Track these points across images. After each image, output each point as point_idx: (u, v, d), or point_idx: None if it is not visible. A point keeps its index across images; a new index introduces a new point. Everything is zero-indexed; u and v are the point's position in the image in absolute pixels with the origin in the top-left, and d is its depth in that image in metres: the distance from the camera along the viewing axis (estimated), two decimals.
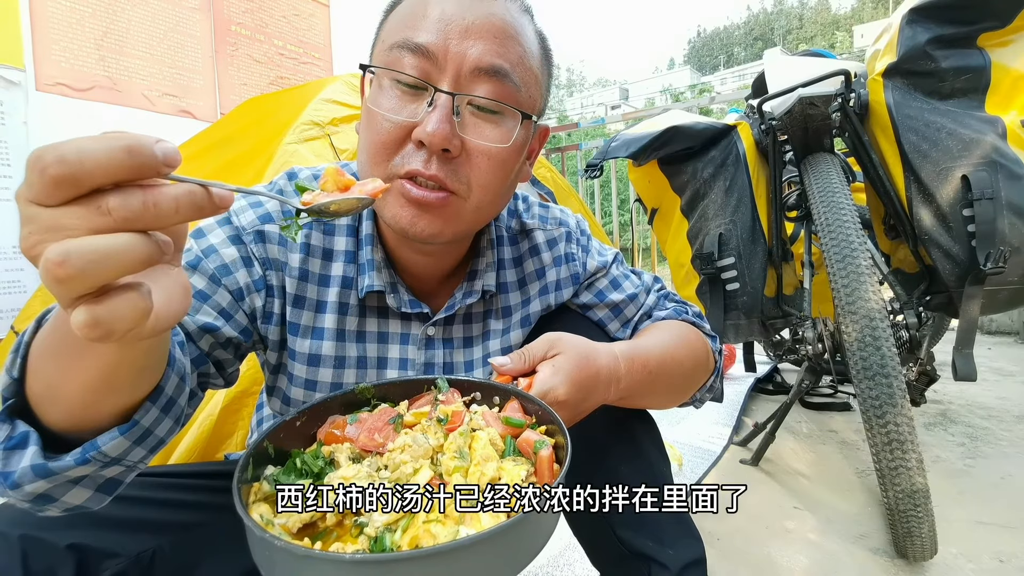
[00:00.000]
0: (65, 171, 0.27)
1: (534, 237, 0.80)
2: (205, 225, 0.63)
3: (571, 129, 5.18)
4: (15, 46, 2.32)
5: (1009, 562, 1.20)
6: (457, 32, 0.57)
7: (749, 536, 1.33)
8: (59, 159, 0.27)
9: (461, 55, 0.57)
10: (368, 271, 0.67)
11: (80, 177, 0.27)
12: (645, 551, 0.65)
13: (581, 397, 0.57)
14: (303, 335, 0.67)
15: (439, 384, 0.55)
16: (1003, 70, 1.29)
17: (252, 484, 0.42)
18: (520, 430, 0.48)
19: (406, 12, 0.60)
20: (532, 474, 0.44)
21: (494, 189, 0.62)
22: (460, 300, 0.71)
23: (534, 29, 0.64)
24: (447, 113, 0.56)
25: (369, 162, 0.60)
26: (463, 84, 0.57)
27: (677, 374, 0.71)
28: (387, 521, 0.38)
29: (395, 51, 0.58)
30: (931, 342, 1.81)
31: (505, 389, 0.53)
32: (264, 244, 0.64)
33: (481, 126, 0.59)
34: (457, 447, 0.45)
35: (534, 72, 0.63)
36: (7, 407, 0.41)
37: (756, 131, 1.70)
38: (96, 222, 0.28)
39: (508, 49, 0.59)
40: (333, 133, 1.72)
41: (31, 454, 0.39)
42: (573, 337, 0.60)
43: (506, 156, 0.61)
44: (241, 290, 0.63)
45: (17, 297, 2.28)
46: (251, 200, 0.65)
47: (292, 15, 3.49)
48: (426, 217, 0.59)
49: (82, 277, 0.28)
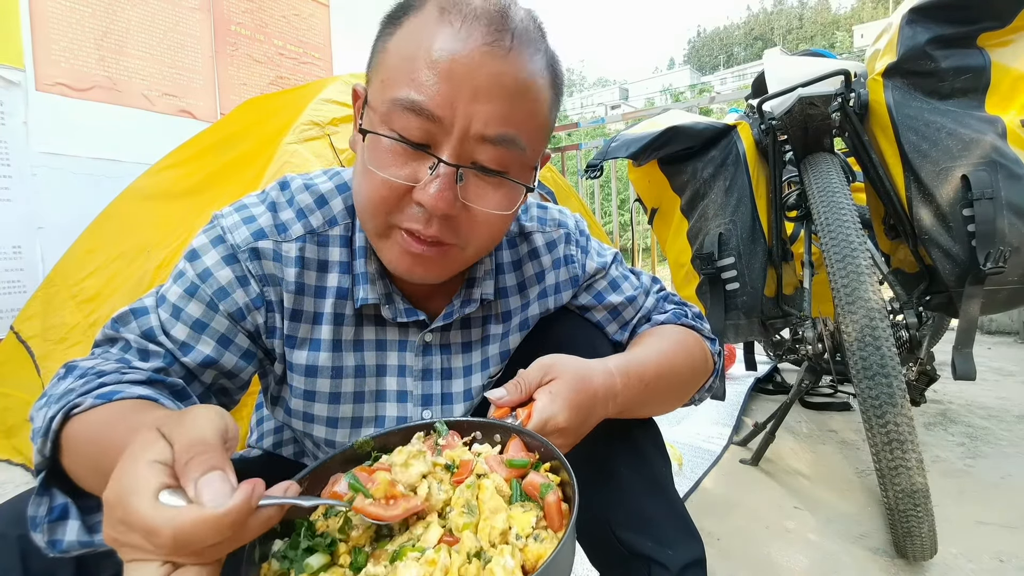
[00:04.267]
0: (177, 549, 0.33)
1: (533, 240, 0.79)
2: (199, 245, 0.63)
3: (571, 129, 5.18)
4: (15, 46, 2.32)
5: (1009, 562, 1.20)
6: (465, 96, 0.53)
7: (749, 536, 1.33)
8: (174, 544, 0.33)
9: (467, 119, 0.54)
10: (362, 283, 0.67)
11: (187, 549, 0.33)
12: (645, 551, 0.65)
13: (581, 420, 0.57)
14: (299, 347, 0.67)
15: (438, 428, 0.54)
16: (1003, 70, 1.28)
17: (261, 565, 0.42)
18: (525, 471, 0.48)
19: (410, 48, 0.55)
20: (541, 519, 0.45)
21: (493, 242, 0.64)
22: (458, 309, 0.71)
23: (546, 63, 0.60)
24: (450, 181, 0.55)
25: (366, 214, 0.60)
26: (468, 149, 0.55)
27: (674, 383, 0.72)
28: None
29: (396, 107, 0.54)
30: (931, 342, 1.81)
31: (506, 427, 0.53)
32: (259, 261, 0.63)
33: (484, 191, 0.58)
34: (465, 501, 0.45)
35: (541, 124, 0.60)
36: (43, 478, 0.45)
37: (756, 131, 1.70)
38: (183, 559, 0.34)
39: (517, 110, 0.56)
40: (333, 133, 1.72)
41: (74, 529, 0.44)
42: (567, 359, 0.60)
43: (507, 219, 0.61)
44: (241, 310, 0.63)
45: (17, 297, 2.28)
46: (244, 215, 0.65)
47: (292, 15, 3.49)
48: (423, 266, 0.60)
49: None
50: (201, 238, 0.64)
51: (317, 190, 0.68)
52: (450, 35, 0.53)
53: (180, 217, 1.72)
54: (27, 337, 1.83)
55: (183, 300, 0.61)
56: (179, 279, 0.62)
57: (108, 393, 0.50)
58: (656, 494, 0.69)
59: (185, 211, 1.75)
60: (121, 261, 1.75)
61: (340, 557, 0.43)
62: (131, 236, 1.82)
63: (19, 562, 0.49)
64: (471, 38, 0.53)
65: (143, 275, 1.63)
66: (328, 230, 0.68)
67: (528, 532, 0.43)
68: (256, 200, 0.67)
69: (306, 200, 0.67)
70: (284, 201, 0.67)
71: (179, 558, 0.34)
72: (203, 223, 0.66)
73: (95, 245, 1.89)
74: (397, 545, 0.43)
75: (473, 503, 0.45)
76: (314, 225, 0.67)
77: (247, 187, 1.53)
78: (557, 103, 0.64)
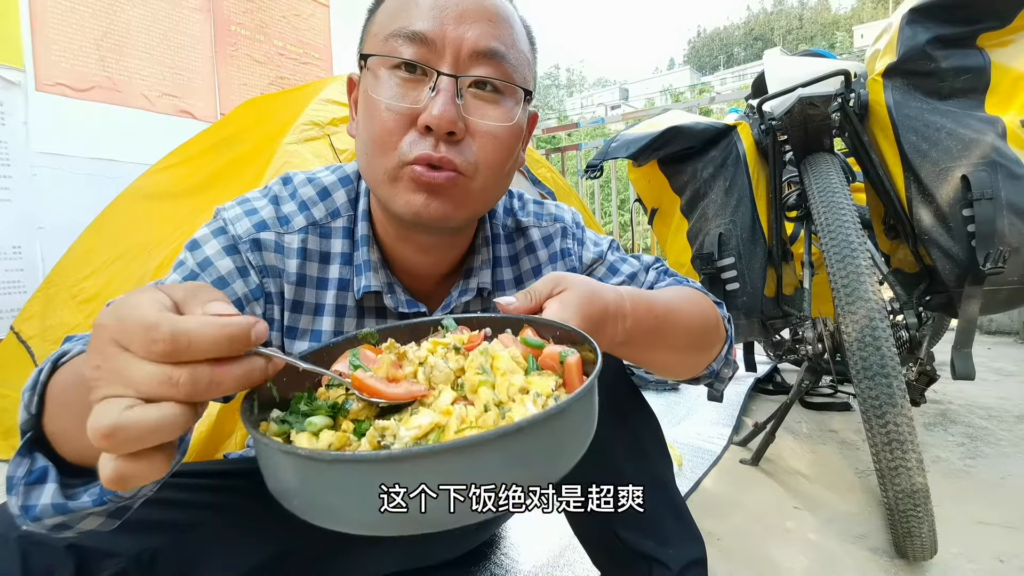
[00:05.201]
0: (171, 348, 0.31)
1: (530, 235, 0.80)
2: (200, 236, 0.63)
3: (571, 129, 5.18)
4: (15, 46, 2.32)
5: (1009, 562, 1.20)
6: (452, 17, 0.58)
7: (749, 536, 1.32)
8: (172, 338, 0.31)
9: (459, 39, 0.58)
10: (364, 272, 0.67)
11: (180, 355, 0.31)
12: (646, 551, 0.65)
13: (591, 331, 0.53)
14: (300, 338, 0.67)
15: (446, 324, 0.52)
16: (1003, 70, 1.28)
17: (260, 424, 0.40)
18: (540, 351, 0.46)
19: (396, 4, 0.61)
20: (561, 384, 0.43)
21: (498, 168, 0.63)
22: (456, 298, 0.71)
23: (519, 16, 0.66)
24: (451, 96, 0.57)
25: (373, 153, 0.60)
26: (463, 67, 0.59)
27: (684, 327, 0.68)
28: (415, 435, 0.36)
29: (391, 40, 0.58)
30: (931, 342, 1.81)
31: (518, 319, 0.50)
32: (260, 252, 0.64)
33: (484, 107, 0.60)
34: (479, 364, 0.42)
35: (525, 54, 0.65)
36: (26, 440, 0.42)
37: (756, 131, 1.70)
38: (161, 391, 0.31)
39: (502, 31, 0.61)
40: (333, 133, 1.73)
41: (51, 492, 0.41)
42: (577, 275, 0.58)
43: (509, 134, 0.62)
44: (240, 300, 0.63)
45: (17, 297, 2.28)
46: (246, 208, 0.65)
47: (292, 15, 3.49)
48: (437, 199, 0.59)
49: (121, 448, 0.31)
50: (203, 230, 0.64)
51: (320, 183, 0.69)
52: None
53: (180, 217, 1.73)
54: (27, 337, 1.83)
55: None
56: (179, 268, 0.63)
57: None
58: (658, 493, 0.69)
59: (185, 211, 1.75)
60: (121, 261, 1.75)
61: (342, 424, 0.40)
62: (131, 236, 1.82)
63: (19, 562, 0.49)
64: None
65: (143, 275, 1.63)
66: (331, 222, 0.68)
67: (548, 393, 0.40)
68: (259, 195, 0.68)
69: (309, 193, 0.68)
70: (287, 194, 0.68)
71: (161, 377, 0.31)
72: (204, 223, 0.67)
73: (95, 245, 1.89)
74: (410, 415, 0.40)
75: (488, 367, 0.42)
76: (316, 217, 0.67)
77: (247, 187, 1.53)
78: (533, 56, 0.68)
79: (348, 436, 0.38)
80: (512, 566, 1.15)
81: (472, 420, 0.37)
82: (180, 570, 0.60)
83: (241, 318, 0.33)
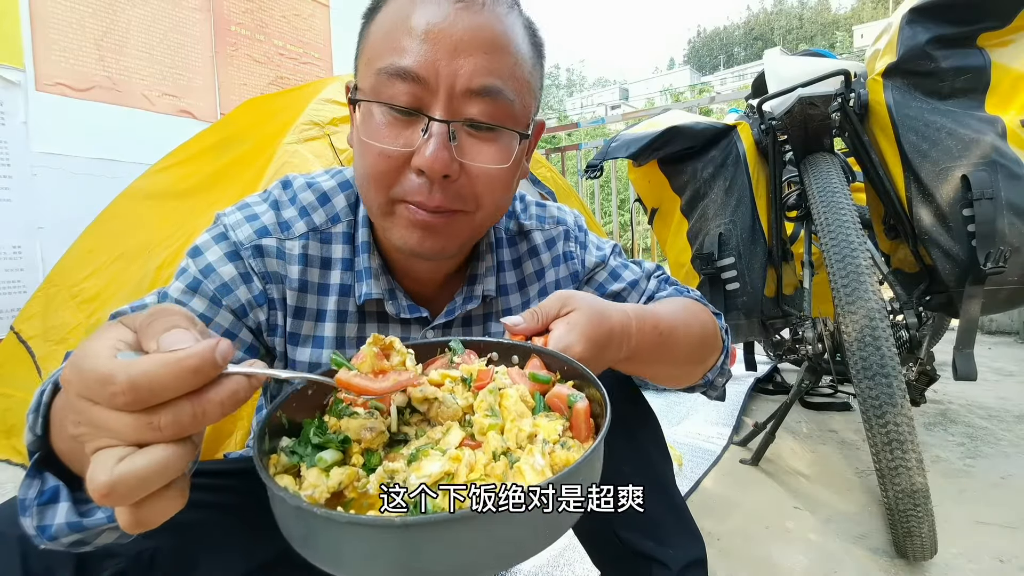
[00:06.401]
0: (133, 398, 0.29)
1: (532, 238, 0.79)
2: (202, 242, 0.63)
3: (571, 129, 5.18)
4: (15, 46, 2.32)
5: (1009, 562, 1.20)
6: (445, 51, 0.54)
7: (749, 536, 1.32)
8: (131, 386, 0.29)
9: (452, 76, 0.55)
10: (366, 278, 0.67)
11: (146, 402, 0.29)
12: (646, 551, 0.65)
13: (596, 353, 0.55)
14: (303, 344, 0.67)
15: (453, 346, 0.53)
16: (1003, 70, 1.28)
17: (270, 457, 0.41)
18: (547, 386, 0.47)
19: (389, 25, 0.57)
20: (568, 428, 0.43)
21: (498, 202, 0.63)
22: (460, 305, 0.71)
23: (522, 24, 0.62)
24: (444, 140, 0.55)
25: (368, 188, 0.60)
26: (456, 106, 0.56)
27: (685, 341, 0.69)
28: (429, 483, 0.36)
29: (383, 77, 0.56)
30: (931, 342, 1.81)
31: (524, 347, 0.52)
32: (263, 258, 0.64)
33: (479, 147, 0.58)
34: (488, 405, 0.43)
35: (526, 79, 0.61)
36: (35, 461, 0.42)
37: (756, 131, 1.70)
38: (145, 435, 0.30)
39: (499, 63, 0.57)
40: (333, 133, 1.73)
41: (64, 511, 0.40)
42: (584, 294, 0.59)
43: (506, 172, 0.61)
44: (244, 307, 0.63)
45: (17, 297, 2.28)
46: (247, 213, 0.65)
47: (292, 15, 3.49)
48: (432, 237, 0.60)
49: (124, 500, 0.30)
50: (204, 236, 0.64)
51: (319, 188, 0.69)
52: (423, 4, 0.56)
53: (181, 217, 1.73)
54: (27, 337, 1.83)
55: (186, 295, 0.61)
56: (182, 275, 0.63)
57: None
58: (658, 493, 0.69)
59: (186, 211, 1.75)
60: (122, 261, 1.75)
61: (353, 457, 0.41)
62: (132, 236, 1.82)
63: (19, 562, 0.49)
64: (444, 1, 0.55)
65: (144, 275, 1.63)
66: (331, 227, 0.68)
67: (555, 439, 0.41)
68: (259, 199, 0.68)
69: (308, 198, 0.68)
70: (287, 199, 0.68)
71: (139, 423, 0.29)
72: (204, 223, 0.67)
73: (95, 245, 1.89)
74: (414, 448, 0.41)
75: (496, 408, 0.43)
76: (317, 223, 0.67)
77: (247, 187, 1.53)
78: (540, 66, 0.64)
79: (358, 471, 0.39)
80: None
81: (481, 468, 0.37)
82: (180, 570, 0.60)
83: (200, 346, 0.31)
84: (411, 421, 0.45)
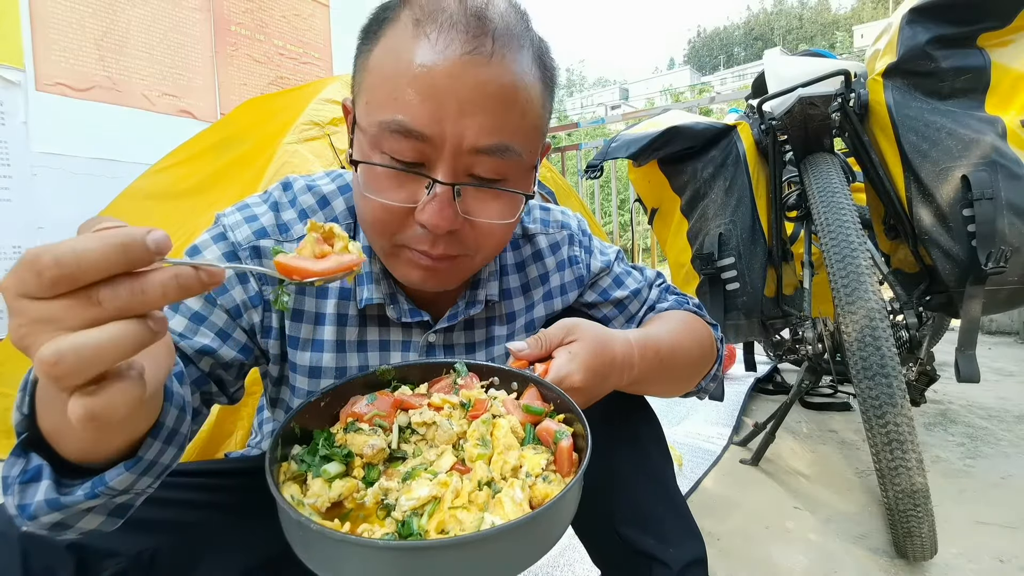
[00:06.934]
0: (62, 273, 0.28)
1: (537, 242, 0.80)
2: (200, 242, 0.64)
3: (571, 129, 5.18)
4: (15, 46, 2.32)
5: (1009, 562, 1.20)
6: (452, 111, 0.52)
7: (749, 536, 1.33)
8: (56, 261, 0.28)
9: (458, 136, 0.53)
10: (367, 283, 0.67)
11: (77, 277, 0.29)
12: (647, 549, 0.65)
13: (596, 383, 0.57)
14: (303, 348, 0.67)
15: (458, 368, 0.56)
16: (1003, 70, 1.28)
17: (281, 464, 0.44)
18: (539, 418, 0.50)
19: (391, 67, 0.54)
20: (552, 462, 0.46)
21: (501, 246, 0.64)
22: (463, 310, 0.71)
23: (532, 57, 0.58)
24: (448, 199, 0.54)
25: (370, 234, 0.61)
26: (462, 163, 0.55)
27: (685, 361, 0.72)
28: (414, 506, 0.40)
29: (385, 130, 0.53)
30: (931, 342, 1.81)
31: (524, 376, 0.55)
32: (260, 259, 0.64)
33: (484, 203, 0.58)
34: (480, 435, 0.47)
35: (534, 124, 0.59)
36: (22, 440, 0.42)
37: (756, 131, 1.70)
38: (88, 313, 0.29)
39: (507, 119, 0.55)
40: (333, 133, 1.72)
41: (44, 488, 0.40)
42: (589, 323, 0.61)
43: (511, 224, 0.61)
44: (238, 307, 0.63)
45: None
46: (246, 214, 0.65)
47: (292, 15, 3.49)
48: (435, 278, 0.61)
49: (77, 373, 0.29)
50: (203, 235, 0.64)
51: (319, 191, 0.69)
52: (427, 49, 0.52)
53: (181, 217, 1.72)
54: None
55: None
56: None
57: None
58: (659, 491, 0.70)
59: (186, 211, 1.75)
60: None
61: (355, 470, 0.45)
62: None
63: (19, 561, 0.49)
64: (449, 49, 0.51)
65: None
66: None
67: (538, 472, 0.44)
68: (259, 200, 0.68)
69: (308, 201, 0.68)
70: (286, 201, 0.68)
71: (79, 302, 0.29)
72: (204, 223, 0.67)
73: None
74: (410, 467, 0.45)
75: (488, 438, 0.47)
76: None
77: (247, 187, 1.53)
78: (550, 95, 0.62)
79: (357, 484, 0.43)
80: None
81: (466, 496, 0.41)
82: (180, 569, 0.60)
83: (130, 228, 0.30)
84: (411, 440, 0.49)
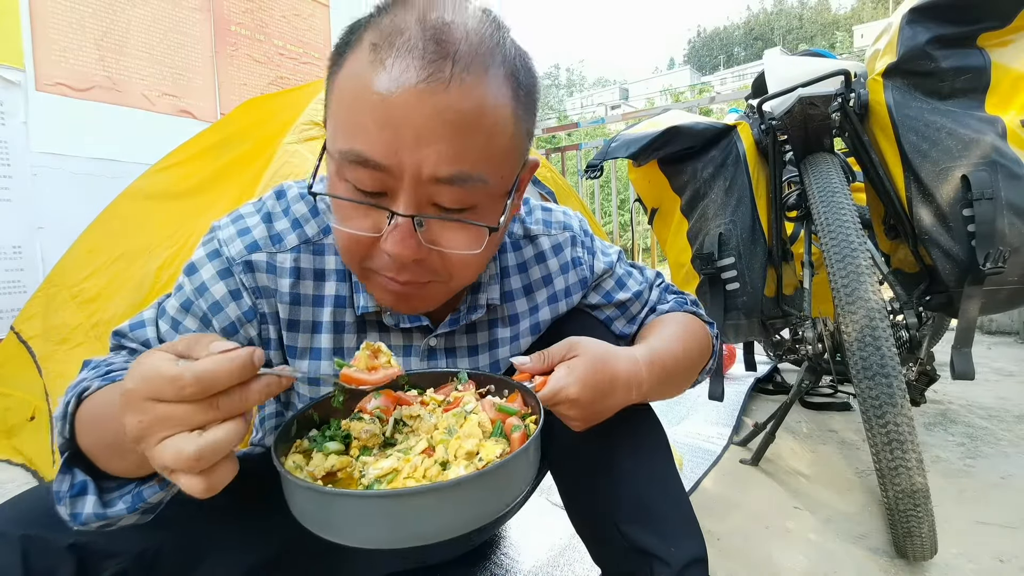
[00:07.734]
0: (200, 388, 0.38)
1: (539, 243, 0.79)
2: (197, 259, 0.65)
3: (571, 129, 5.18)
4: (15, 46, 2.32)
5: (1009, 562, 1.20)
6: (408, 141, 0.50)
7: (749, 536, 1.33)
8: (197, 380, 0.38)
9: (416, 166, 0.51)
10: (361, 291, 0.67)
11: (208, 391, 0.38)
12: (648, 547, 0.65)
13: (595, 398, 0.59)
14: (301, 357, 0.68)
15: (460, 376, 0.64)
16: (1003, 70, 1.28)
17: (294, 441, 0.54)
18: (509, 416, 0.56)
19: (351, 90, 0.53)
20: (507, 452, 0.52)
21: (474, 272, 0.63)
22: (465, 315, 0.71)
23: (504, 75, 0.54)
24: (408, 230, 0.53)
25: (343, 257, 0.62)
26: (423, 193, 0.53)
27: (687, 366, 0.75)
28: (378, 474, 0.49)
29: (345, 160, 0.53)
30: (931, 342, 1.81)
31: (512, 384, 0.61)
32: (253, 273, 0.64)
33: (448, 232, 0.56)
34: (448, 425, 0.54)
35: (504, 148, 0.56)
36: (66, 459, 0.50)
37: (756, 131, 1.70)
38: (207, 416, 0.39)
39: (468, 146, 0.52)
40: None
41: (91, 503, 0.48)
42: (593, 341, 0.62)
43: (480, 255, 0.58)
44: (233, 324, 0.64)
45: (17, 297, 2.28)
46: (239, 227, 0.66)
47: (292, 15, 3.49)
48: (407, 302, 0.62)
49: (206, 464, 0.38)
50: (199, 251, 0.65)
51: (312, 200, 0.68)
52: (384, 76, 0.50)
53: (181, 217, 1.72)
54: (28, 337, 1.83)
55: (180, 314, 0.64)
56: (178, 292, 0.65)
57: (113, 376, 0.55)
58: (660, 488, 0.70)
59: (186, 211, 1.75)
60: (122, 261, 1.75)
61: (352, 450, 0.53)
62: (132, 236, 1.82)
63: (20, 561, 0.49)
64: (404, 76, 0.49)
65: (144, 276, 1.63)
66: (323, 239, 0.68)
67: (491, 459, 0.51)
68: (252, 210, 0.68)
69: (301, 210, 0.68)
70: (280, 211, 0.68)
71: (202, 407, 0.38)
72: (204, 223, 0.67)
73: (96, 245, 1.89)
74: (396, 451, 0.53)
75: (455, 428, 0.54)
76: (309, 235, 0.67)
77: (247, 187, 1.53)
78: (528, 113, 0.59)
79: (351, 460, 0.52)
80: (512, 566, 1.16)
81: (422, 471, 0.49)
82: (181, 569, 0.60)
83: (243, 349, 0.40)
84: (403, 431, 0.57)
